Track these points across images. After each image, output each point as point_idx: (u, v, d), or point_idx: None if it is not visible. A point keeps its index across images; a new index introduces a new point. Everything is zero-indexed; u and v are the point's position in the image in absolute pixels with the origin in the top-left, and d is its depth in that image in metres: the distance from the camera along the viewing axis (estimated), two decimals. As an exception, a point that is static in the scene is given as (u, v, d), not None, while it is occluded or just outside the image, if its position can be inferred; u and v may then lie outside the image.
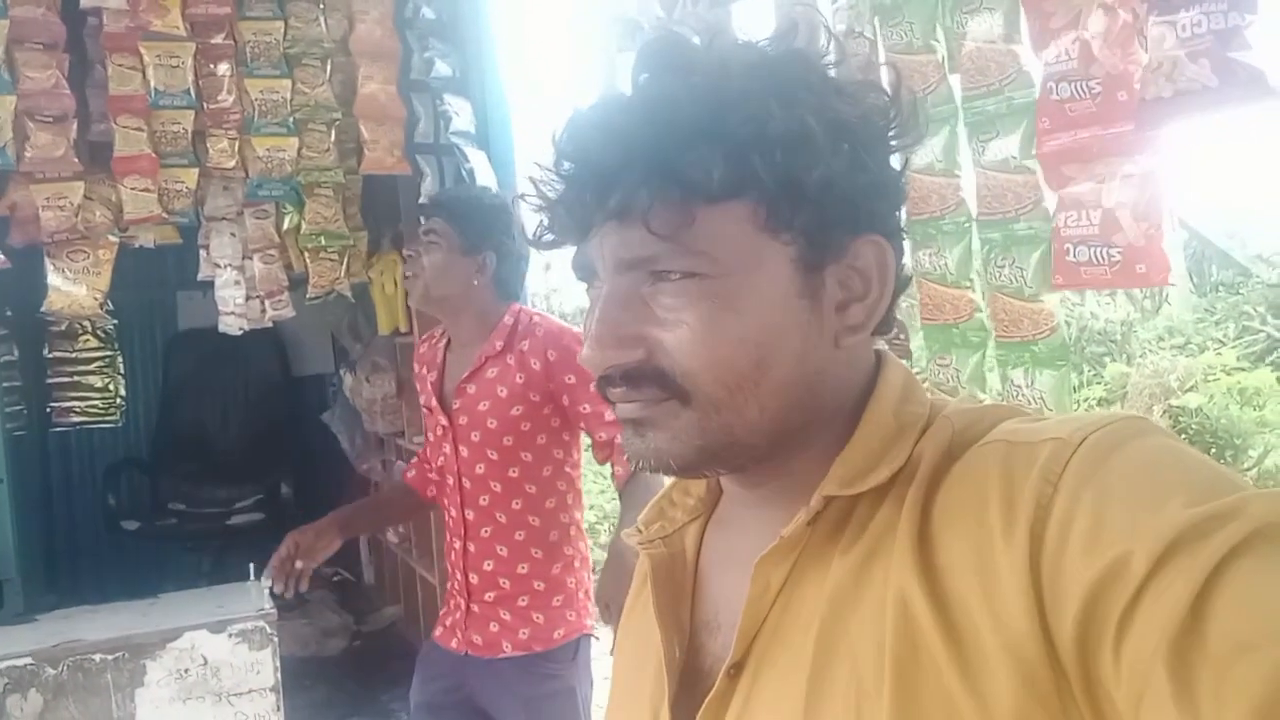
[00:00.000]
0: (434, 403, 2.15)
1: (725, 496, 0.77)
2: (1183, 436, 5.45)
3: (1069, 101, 1.49)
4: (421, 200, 2.86)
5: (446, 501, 2.16)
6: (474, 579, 2.10)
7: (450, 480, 2.12)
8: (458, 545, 2.12)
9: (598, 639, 2.22)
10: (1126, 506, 0.51)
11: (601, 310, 0.66)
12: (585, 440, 2.16)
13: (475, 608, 2.10)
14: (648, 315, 0.65)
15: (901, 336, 1.87)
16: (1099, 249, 1.47)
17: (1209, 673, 0.45)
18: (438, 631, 2.20)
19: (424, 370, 2.23)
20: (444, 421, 2.11)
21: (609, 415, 1.99)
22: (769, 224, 0.64)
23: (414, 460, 2.35)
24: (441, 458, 2.15)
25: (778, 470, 0.69)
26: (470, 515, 2.09)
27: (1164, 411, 5.31)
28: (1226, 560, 0.47)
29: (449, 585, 2.20)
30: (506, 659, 2.06)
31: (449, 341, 2.19)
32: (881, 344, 0.76)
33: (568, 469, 2.11)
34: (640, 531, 0.79)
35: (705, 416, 0.65)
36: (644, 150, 0.62)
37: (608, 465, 2.08)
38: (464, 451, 2.07)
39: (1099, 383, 6.49)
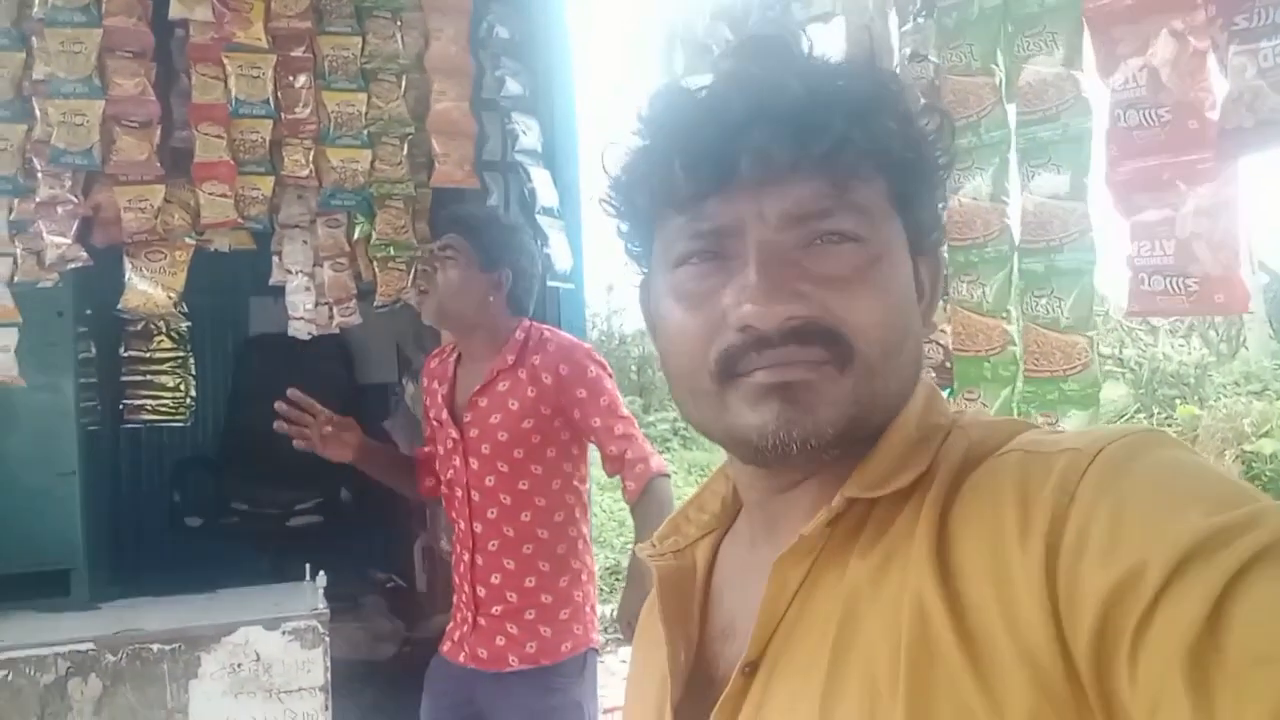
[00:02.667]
0: (445, 415, 2.17)
1: (744, 511, 0.78)
2: (1257, 483, 5.29)
3: (1137, 129, 1.47)
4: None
5: (455, 514, 2.17)
6: (481, 592, 2.11)
7: (459, 493, 2.13)
8: (465, 558, 2.14)
9: (606, 654, 2.22)
10: (1143, 516, 0.51)
11: (763, 266, 0.64)
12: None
13: (482, 621, 2.11)
14: (805, 274, 0.64)
15: (949, 364, 1.85)
16: (1174, 279, 1.44)
17: (1226, 685, 0.45)
18: (445, 646, 2.21)
19: (434, 384, 2.25)
20: (455, 434, 2.13)
21: (619, 429, 2.00)
22: (897, 202, 0.67)
23: (426, 449, 2.35)
24: (451, 470, 2.16)
25: (814, 472, 0.69)
26: (478, 528, 2.10)
27: (1236, 456, 5.15)
28: (1243, 571, 0.47)
29: (456, 598, 2.21)
30: (514, 673, 2.06)
31: (459, 356, 2.20)
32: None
33: (576, 483, 2.12)
34: (654, 546, 0.80)
35: (860, 382, 0.64)
36: (838, 108, 0.63)
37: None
38: (474, 464, 2.09)
39: (1170, 425, 6.32)
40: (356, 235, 3.23)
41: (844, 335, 0.63)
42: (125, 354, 4.34)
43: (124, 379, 4.34)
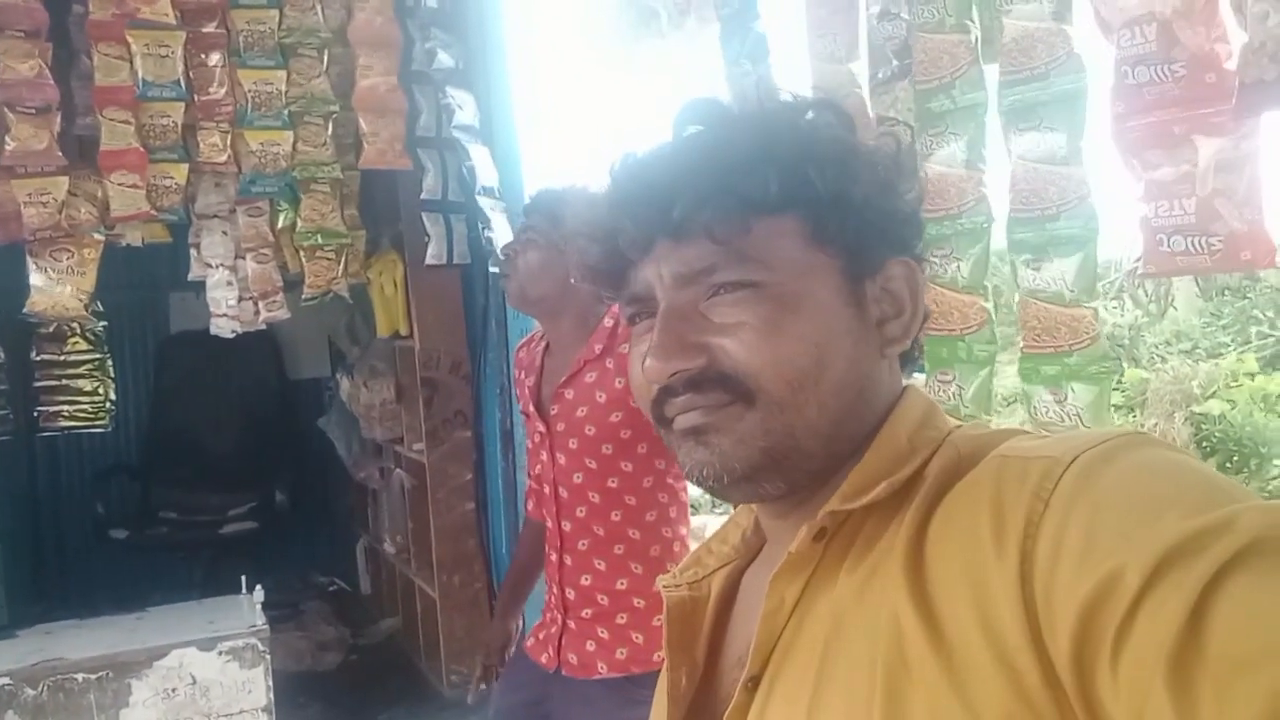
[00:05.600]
0: (531, 408, 2.06)
1: (768, 542, 0.80)
2: (1206, 445, 5.34)
3: (1148, 85, 1.36)
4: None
5: (544, 511, 2.06)
6: (570, 594, 2.00)
7: (546, 489, 2.03)
8: (554, 558, 2.03)
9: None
10: (1119, 520, 0.52)
11: (662, 323, 0.70)
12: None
13: (572, 624, 2.00)
14: (707, 326, 0.69)
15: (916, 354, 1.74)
16: (1196, 239, 1.34)
17: (1210, 692, 0.45)
18: (529, 642, 2.10)
19: (522, 375, 2.14)
20: (541, 428, 2.02)
21: None
22: (815, 236, 0.70)
23: (529, 488, 2.25)
24: (539, 465, 2.06)
25: (807, 497, 0.71)
26: (567, 527, 1.99)
27: (1185, 419, 5.19)
28: (1220, 575, 0.47)
29: (546, 598, 2.10)
30: (600, 680, 1.95)
31: (548, 345, 2.08)
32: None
33: (670, 480, 2.00)
34: (675, 577, 0.82)
35: (769, 416, 0.67)
36: (703, 170, 0.68)
37: None
38: (561, 459, 1.98)
39: (1117, 389, 6.38)
40: (280, 224, 3.05)
41: (739, 378, 0.67)
42: (37, 358, 4.10)
43: (37, 385, 4.10)
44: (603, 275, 0.76)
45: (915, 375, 1.73)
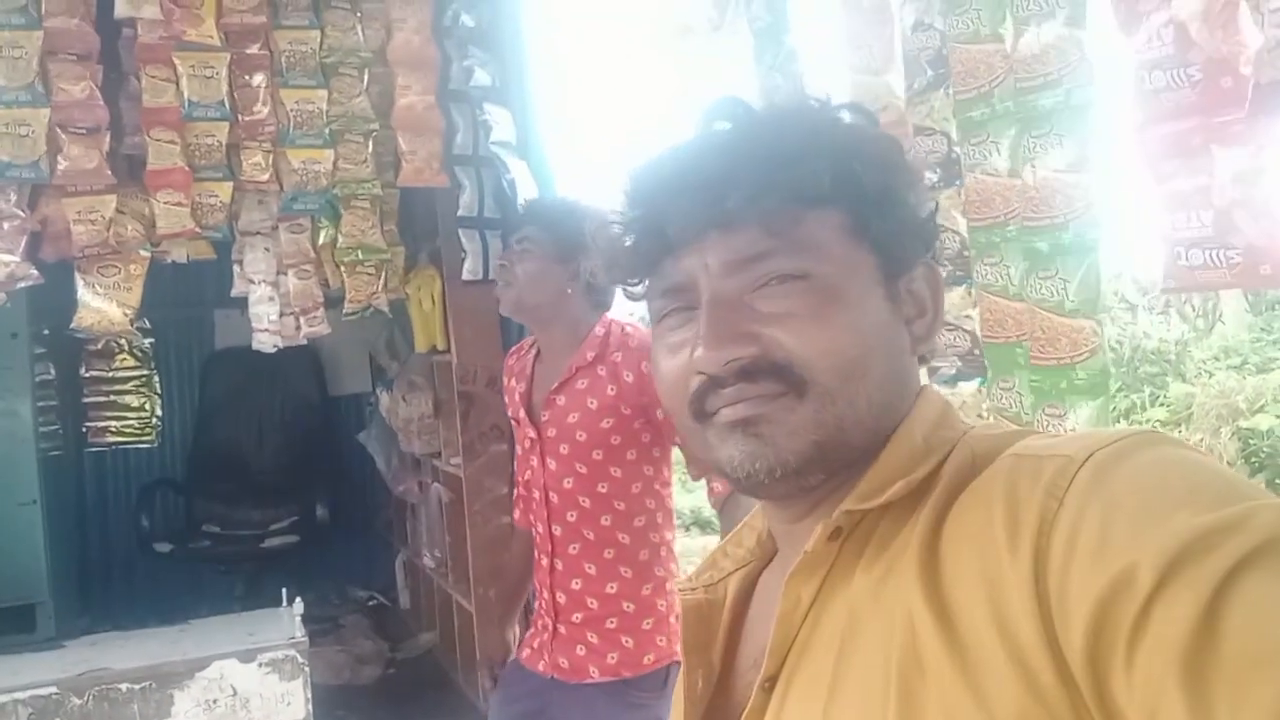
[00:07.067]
0: (522, 414, 2.09)
1: (781, 546, 0.80)
2: (1254, 460, 5.23)
3: (1165, 91, 1.35)
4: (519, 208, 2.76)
5: (534, 517, 2.09)
6: (561, 598, 2.03)
7: (537, 494, 2.05)
8: (544, 562, 2.05)
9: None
10: (1132, 518, 0.52)
11: (711, 312, 0.69)
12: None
13: (562, 629, 2.02)
14: (756, 315, 0.69)
15: (977, 352, 1.73)
16: (1214, 251, 1.32)
17: (1224, 690, 0.45)
18: (524, 653, 2.13)
19: (512, 382, 2.17)
20: (532, 434, 2.05)
21: None
22: (857, 232, 0.70)
23: (516, 495, 2.27)
24: (529, 471, 2.09)
25: (822, 498, 0.71)
26: (557, 531, 2.02)
27: (1232, 434, 5.09)
28: (1234, 573, 0.47)
29: (536, 605, 2.13)
30: (593, 685, 1.97)
31: (539, 352, 2.11)
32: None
33: (657, 487, 2.03)
34: (690, 582, 0.83)
35: (821, 408, 0.67)
36: (758, 161, 0.69)
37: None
38: (551, 464, 2.01)
39: (1162, 404, 6.26)
40: (321, 240, 3.09)
41: (792, 368, 0.67)
42: (86, 374, 4.19)
43: (86, 400, 4.19)
44: (633, 267, 0.76)
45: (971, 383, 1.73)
